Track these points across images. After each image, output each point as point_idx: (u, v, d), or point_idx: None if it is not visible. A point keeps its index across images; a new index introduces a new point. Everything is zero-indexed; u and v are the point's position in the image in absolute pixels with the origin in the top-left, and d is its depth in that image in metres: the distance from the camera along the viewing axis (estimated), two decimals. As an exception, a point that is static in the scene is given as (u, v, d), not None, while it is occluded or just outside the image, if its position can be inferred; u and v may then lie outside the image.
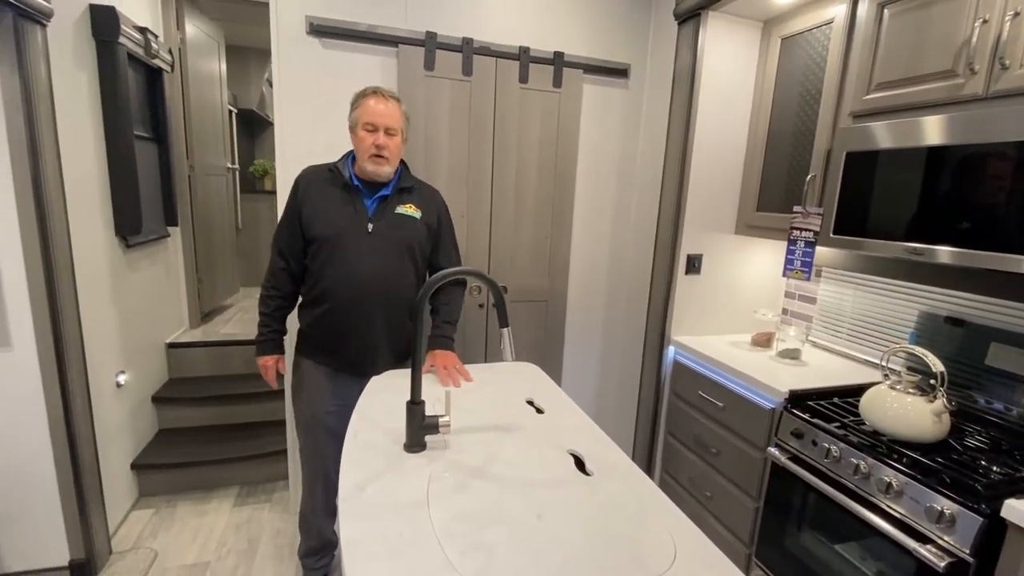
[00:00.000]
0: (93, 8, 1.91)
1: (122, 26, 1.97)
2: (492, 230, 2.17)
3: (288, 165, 1.93)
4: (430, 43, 1.93)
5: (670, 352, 2.12)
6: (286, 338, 1.71)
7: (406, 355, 1.67)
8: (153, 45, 2.28)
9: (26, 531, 1.71)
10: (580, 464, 1.11)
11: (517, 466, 1.08)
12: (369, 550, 0.80)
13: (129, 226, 2.13)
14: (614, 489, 1.01)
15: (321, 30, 1.85)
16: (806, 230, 1.71)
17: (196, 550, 2.00)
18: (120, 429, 2.15)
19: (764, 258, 2.15)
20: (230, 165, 3.50)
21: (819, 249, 1.70)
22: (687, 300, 2.09)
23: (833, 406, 1.51)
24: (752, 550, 1.66)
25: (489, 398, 1.43)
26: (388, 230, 1.55)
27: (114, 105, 2.01)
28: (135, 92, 2.24)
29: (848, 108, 1.59)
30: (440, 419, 1.12)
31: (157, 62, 2.37)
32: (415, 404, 1.11)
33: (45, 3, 1.52)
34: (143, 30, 2.20)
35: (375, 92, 1.50)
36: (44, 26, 1.54)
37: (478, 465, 1.08)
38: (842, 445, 1.35)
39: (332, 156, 1.94)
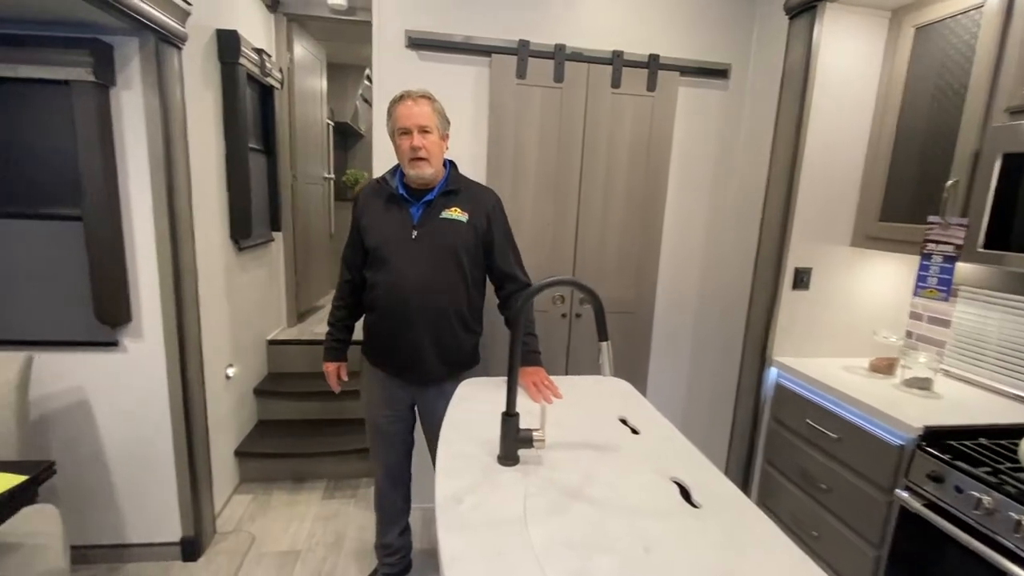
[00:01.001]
0: (220, 33, 2.09)
1: (242, 48, 2.15)
2: (578, 238, 2.12)
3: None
4: (522, 51, 1.93)
5: (771, 374, 1.95)
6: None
7: (459, 364, 1.64)
8: (267, 65, 2.47)
9: (145, 508, 1.88)
10: (685, 494, 1.03)
11: (617, 490, 1.02)
12: (470, 569, 0.78)
13: (241, 231, 2.31)
14: (727, 525, 0.92)
15: (419, 43, 1.90)
16: (945, 243, 1.51)
17: (289, 538, 2.10)
18: (227, 418, 2.32)
19: (886, 273, 1.93)
20: (326, 175, 3.72)
21: (959, 265, 1.48)
22: (793, 318, 1.92)
23: (981, 448, 1.30)
24: (872, 604, 1.47)
25: (580, 414, 1.38)
26: (432, 237, 1.52)
27: (233, 121, 2.19)
28: (251, 108, 2.43)
29: (1003, 103, 1.38)
30: (535, 433, 1.09)
31: (270, 80, 2.57)
32: (510, 416, 1.08)
33: (181, 28, 1.68)
34: (259, 51, 2.39)
35: (404, 96, 1.47)
36: (180, 49, 1.70)
37: (575, 485, 1.03)
38: (997, 495, 1.15)
39: None
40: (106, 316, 1.68)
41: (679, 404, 2.42)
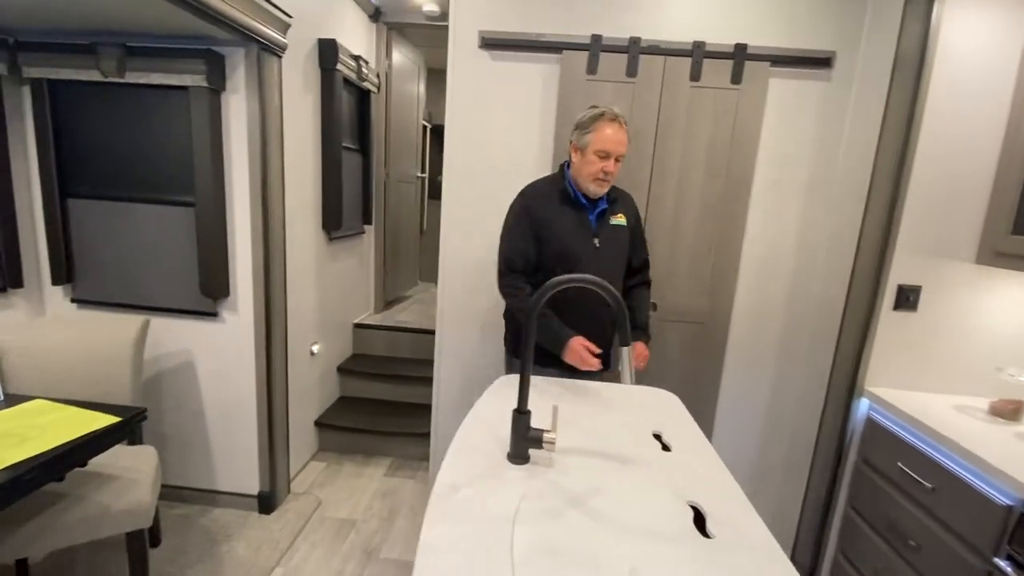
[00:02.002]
0: (320, 41, 2.31)
1: (340, 55, 2.35)
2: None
3: (455, 176, 2.06)
4: (594, 46, 1.88)
5: (862, 406, 1.70)
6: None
7: (607, 361, 1.67)
8: (364, 70, 2.68)
9: (233, 461, 2.14)
10: (700, 521, 0.93)
11: (623, 505, 0.95)
12: (440, 560, 0.78)
13: (332, 222, 2.54)
14: (738, 563, 0.82)
15: (492, 43, 1.94)
16: (1099, 264, 1.20)
17: (349, 507, 2.27)
18: (309, 390, 2.56)
19: (1020, 298, 1.59)
20: (419, 174, 3.94)
21: (1123, 293, 1.18)
22: (893, 342, 1.65)
23: None
24: None
25: (613, 422, 1.32)
26: (610, 243, 1.62)
27: (329, 122, 2.41)
28: (347, 110, 2.66)
29: None
30: (545, 434, 1.06)
31: (366, 85, 2.78)
32: (521, 414, 1.06)
33: (281, 38, 1.89)
34: (357, 58, 2.59)
35: (613, 119, 1.51)
36: (279, 57, 1.91)
37: (579, 493, 0.98)
38: None
39: (497, 168, 2.04)
40: (209, 290, 1.94)
41: (754, 430, 2.20)
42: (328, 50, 2.32)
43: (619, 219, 1.65)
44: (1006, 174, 1.49)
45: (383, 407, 2.91)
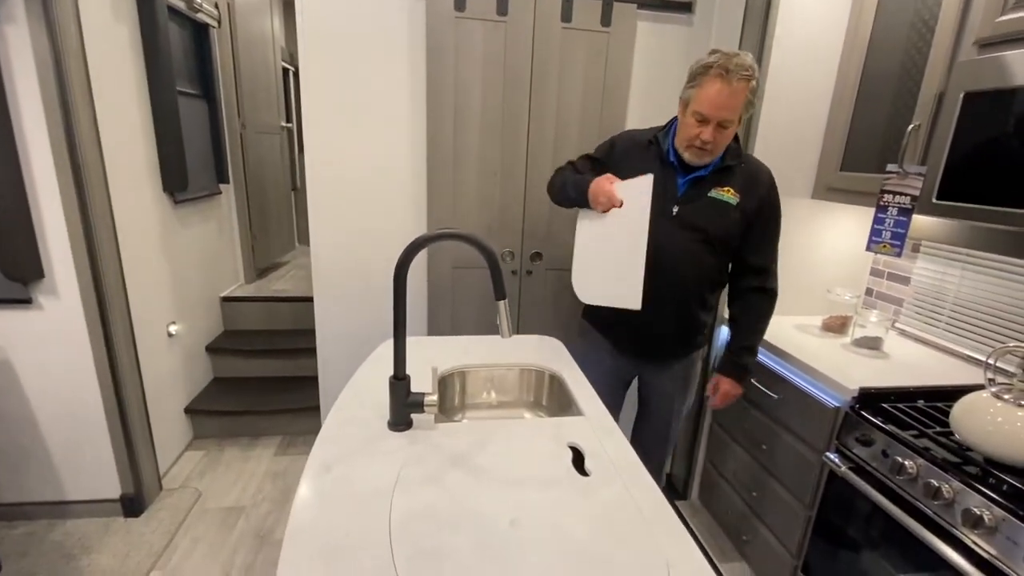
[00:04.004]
0: (131, -40, 1.90)
1: (159, -23, 1.95)
2: (527, 190, 2.00)
3: (315, 127, 1.85)
4: (461, -21, 1.74)
5: (723, 333, 1.87)
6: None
7: (694, 344, 1.55)
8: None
9: (81, 466, 1.85)
10: (580, 460, 0.97)
11: (505, 458, 0.96)
12: (310, 547, 0.72)
13: (175, 182, 2.18)
14: (611, 496, 0.86)
15: (345, -30, 1.72)
16: (901, 194, 1.39)
17: (236, 494, 2.10)
18: (172, 376, 2.28)
19: (848, 228, 1.82)
20: (284, 124, 3.53)
21: (917, 219, 1.38)
22: (747, 274, 1.82)
23: (915, 411, 1.24)
24: (799, 563, 1.46)
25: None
26: (694, 215, 1.36)
27: (156, 60, 2.02)
28: (180, 47, 2.25)
29: (972, 36, 1.23)
30: (426, 397, 1.02)
31: (202, 17, 2.36)
32: (399, 380, 1.01)
33: (69, -48, 1.50)
34: (184, -18, 2.18)
35: (725, 74, 1.19)
36: (70, -25, 1.53)
37: (462, 452, 0.97)
38: (920, 461, 1.10)
39: (361, 116, 1.87)
40: (14, 272, 1.59)
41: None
42: (142, -29, 1.91)
43: (724, 193, 1.35)
44: (836, 117, 1.66)
45: (265, 384, 2.69)
